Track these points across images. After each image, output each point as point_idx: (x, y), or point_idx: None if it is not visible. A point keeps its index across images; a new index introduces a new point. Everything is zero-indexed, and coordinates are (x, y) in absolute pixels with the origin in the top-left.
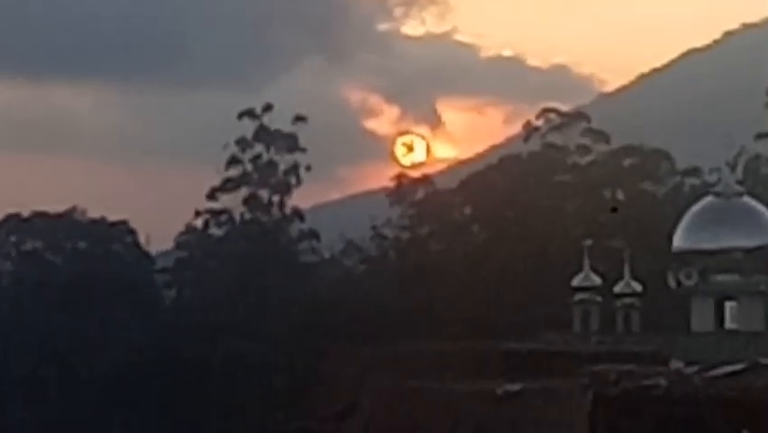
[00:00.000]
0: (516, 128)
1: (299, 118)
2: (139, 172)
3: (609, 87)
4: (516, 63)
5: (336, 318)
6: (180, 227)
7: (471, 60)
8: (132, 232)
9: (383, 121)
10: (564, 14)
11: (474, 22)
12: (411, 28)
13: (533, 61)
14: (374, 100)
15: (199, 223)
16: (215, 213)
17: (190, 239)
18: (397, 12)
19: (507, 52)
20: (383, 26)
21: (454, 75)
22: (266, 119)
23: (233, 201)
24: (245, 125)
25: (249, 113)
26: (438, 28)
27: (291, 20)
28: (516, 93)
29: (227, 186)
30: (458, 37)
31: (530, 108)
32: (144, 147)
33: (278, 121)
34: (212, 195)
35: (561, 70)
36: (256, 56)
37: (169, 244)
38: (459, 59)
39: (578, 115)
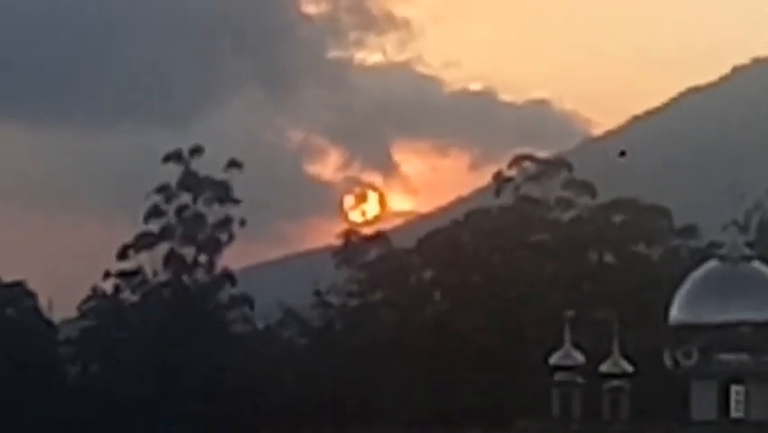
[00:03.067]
0: (485, 177)
1: (233, 164)
2: (40, 224)
3: (596, 130)
4: (486, 99)
5: (272, 401)
6: (88, 290)
7: (434, 95)
8: (31, 295)
9: (330, 167)
10: (544, 42)
11: (439, 50)
12: (366, 56)
13: (506, 96)
14: (320, 142)
15: (109, 286)
16: (128, 274)
17: (99, 305)
18: (352, 36)
19: (475, 86)
20: (334, 53)
21: (414, 112)
22: (194, 163)
23: (150, 260)
24: (170, 170)
25: (175, 155)
26: (398, 56)
27: (227, 43)
28: (486, 135)
29: (142, 242)
30: (419, 68)
31: (502, 153)
32: (47, 194)
33: (209, 166)
34: (124, 253)
35: (539, 108)
36: (184, 86)
37: (74, 311)
38: (420, 93)
39: (558, 163)
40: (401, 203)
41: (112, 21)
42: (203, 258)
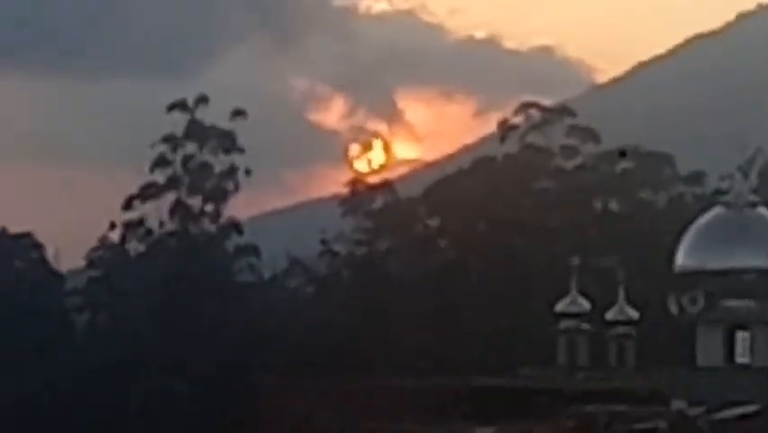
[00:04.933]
0: (490, 125)
1: (238, 112)
2: (46, 176)
3: (601, 78)
4: (490, 46)
5: (278, 350)
6: (95, 241)
7: (439, 43)
8: (38, 246)
9: (335, 115)
10: None
11: None
12: (371, 4)
13: (510, 44)
14: (325, 90)
15: (115, 236)
16: (134, 224)
17: (105, 255)
18: None
19: (479, 33)
20: (339, 1)
21: (418, 60)
22: (199, 113)
23: (156, 210)
24: (175, 120)
25: (179, 105)
26: (403, 4)
27: None
28: (491, 82)
29: (148, 192)
30: (424, 16)
31: (507, 100)
32: (52, 145)
33: (214, 115)
34: (129, 203)
35: (543, 55)
36: (188, 36)
37: (81, 261)
38: (424, 41)
39: (563, 111)
40: (406, 151)
41: None
42: (209, 207)
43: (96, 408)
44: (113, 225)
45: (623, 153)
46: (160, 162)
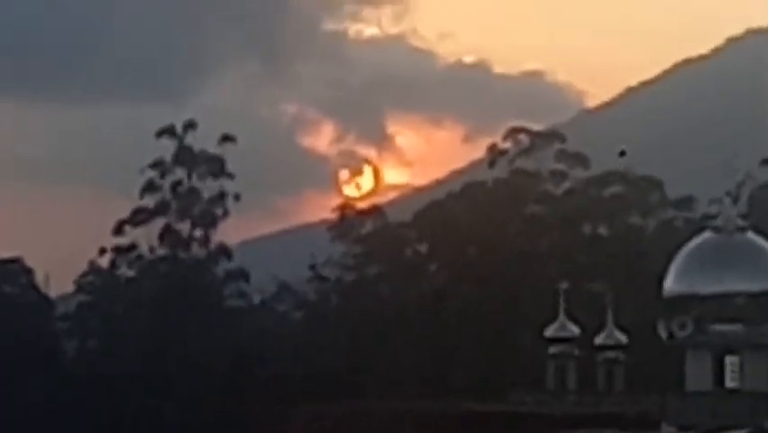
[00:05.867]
0: (479, 149)
1: (227, 138)
2: (35, 200)
3: (590, 102)
4: (479, 71)
5: (267, 375)
6: (84, 266)
7: (429, 68)
8: (28, 271)
9: (324, 140)
10: (538, 14)
11: (434, 22)
12: (362, 29)
13: (500, 68)
14: (314, 115)
15: (105, 261)
16: (124, 250)
17: (95, 280)
18: (348, 9)
19: (469, 58)
20: (329, 26)
21: (408, 85)
22: (188, 138)
23: (146, 236)
24: (164, 145)
25: (168, 130)
26: (393, 29)
27: (220, 16)
28: (481, 107)
29: (138, 218)
30: (414, 41)
31: (496, 125)
32: (42, 170)
33: (203, 140)
34: (120, 228)
35: (533, 80)
36: (178, 61)
37: (70, 286)
38: (414, 66)
39: (552, 135)
40: (396, 176)
41: None
42: (198, 233)
43: (86, 431)
44: (103, 251)
45: (623, 153)
46: (149, 188)
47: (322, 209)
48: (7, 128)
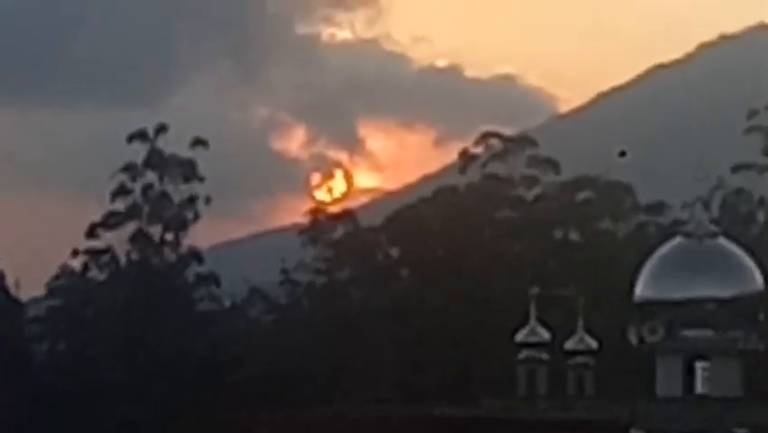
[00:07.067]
0: (451, 154)
1: (198, 142)
2: (7, 203)
3: (562, 107)
4: (452, 75)
5: (238, 378)
6: (55, 269)
7: (401, 72)
8: None
9: (296, 144)
10: (511, 19)
11: (407, 26)
12: (335, 33)
13: (472, 72)
14: (286, 119)
15: (77, 264)
16: (96, 253)
17: (66, 284)
18: (320, 12)
19: (441, 62)
20: (302, 30)
21: (380, 89)
22: (160, 142)
23: (117, 239)
24: (135, 149)
25: (139, 135)
26: (366, 33)
27: (191, 18)
28: (452, 111)
29: (111, 221)
30: (387, 45)
31: (468, 130)
32: (14, 173)
33: (174, 144)
34: (92, 232)
35: (505, 84)
36: (148, 63)
37: (41, 289)
38: (387, 70)
39: (524, 141)
40: (367, 180)
41: None
42: (169, 236)
43: None
44: (75, 253)
45: (623, 153)
46: (120, 192)
47: (293, 213)
48: None
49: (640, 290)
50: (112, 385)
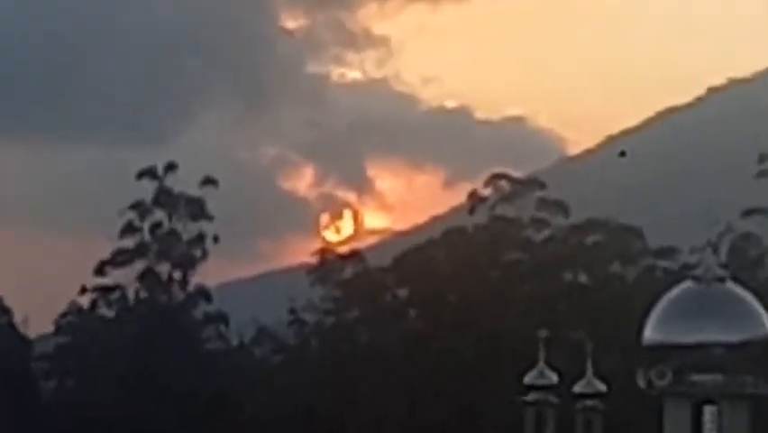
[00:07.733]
0: (460, 195)
1: (208, 181)
2: (14, 240)
3: (571, 150)
4: (462, 116)
5: (245, 417)
6: (63, 307)
7: (410, 112)
8: (7, 311)
9: (305, 183)
10: (521, 60)
11: (417, 67)
12: (344, 73)
13: (481, 114)
14: (295, 158)
15: (85, 301)
16: (105, 290)
17: (74, 321)
18: (331, 52)
19: (451, 103)
20: (312, 69)
21: (390, 129)
22: (169, 180)
23: (126, 277)
24: (144, 187)
25: (149, 172)
26: (376, 73)
27: (201, 57)
28: (462, 152)
29: (119, 259)
30: (397, 85)
31: (477, 171)
32: (23, 210)
33: (183, 182)
34: (101, 269)
35: (515, 126)
36: (160, 102)
37: (49, 327)
38: (396, 110)
39: (532, 183)
40: (376, 220)
41: (86, 36)
42: (177, 275)
43: None
44: (84, 290)
45: (623, 153)
46: (129, 229)
47: (302, 253)
48: None
49: (649, 334)
50: (119, 423)
